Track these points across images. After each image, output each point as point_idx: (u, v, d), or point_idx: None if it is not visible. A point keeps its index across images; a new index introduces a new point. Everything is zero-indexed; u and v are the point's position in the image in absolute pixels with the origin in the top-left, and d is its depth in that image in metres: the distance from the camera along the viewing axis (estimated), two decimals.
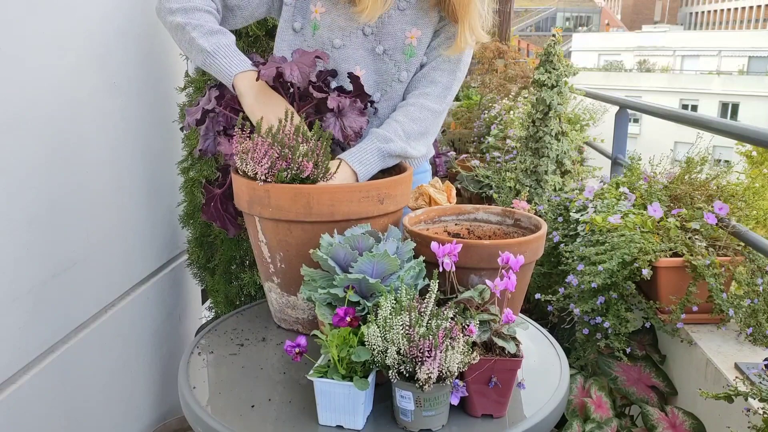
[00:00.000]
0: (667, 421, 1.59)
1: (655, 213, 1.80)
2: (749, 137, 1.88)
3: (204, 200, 1.42)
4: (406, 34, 1.47)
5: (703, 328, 1.77)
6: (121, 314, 1.85)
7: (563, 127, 2.57)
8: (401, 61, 1.49)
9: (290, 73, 1.26)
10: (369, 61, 1.48)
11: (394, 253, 1.10)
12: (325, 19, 1.44)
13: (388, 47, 1.48)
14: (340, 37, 1.45)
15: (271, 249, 1.28)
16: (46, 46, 1.48)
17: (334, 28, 1.45)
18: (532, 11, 59.49)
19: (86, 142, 1.65)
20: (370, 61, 1.49)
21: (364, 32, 1.46)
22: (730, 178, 1.98)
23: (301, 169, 1.20)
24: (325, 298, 1.09)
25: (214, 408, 1.10)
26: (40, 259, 1.47)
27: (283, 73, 1.26)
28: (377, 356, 0.98)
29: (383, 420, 1.04)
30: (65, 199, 1.56)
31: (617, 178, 2.21)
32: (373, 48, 1.47)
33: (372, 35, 1.47)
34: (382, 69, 1.49)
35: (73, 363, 1.61)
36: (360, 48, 1.47)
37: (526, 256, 1.19)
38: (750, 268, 1.74)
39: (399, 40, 1.47)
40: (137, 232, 1.95)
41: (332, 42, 1.45)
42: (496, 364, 1.01)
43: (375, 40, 1.47)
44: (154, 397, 2.11)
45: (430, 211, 1.40)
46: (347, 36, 1.46)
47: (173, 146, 2.17)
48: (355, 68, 1.47)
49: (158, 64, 2.08)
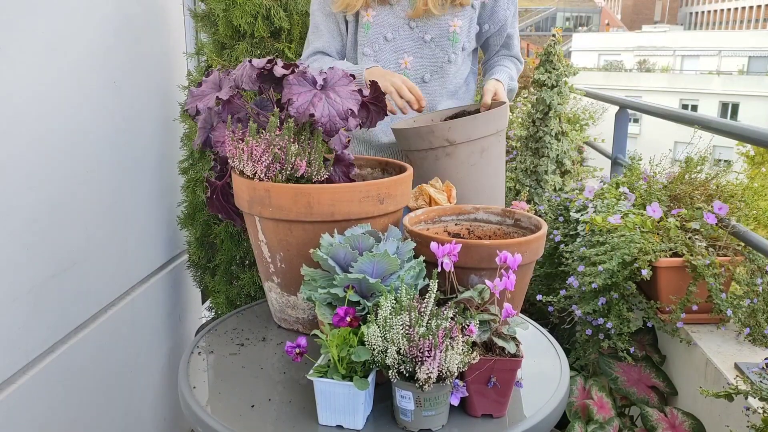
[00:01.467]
0: (667, 421, 1.59)
1: (654, 213, 1.80)
2: (749, 137, 1.88)
3: (208, 194, 1.42)
4: (449, 23, 1.79)
5: (702, 328, 1.77)
6: (121, 314, 1.85)
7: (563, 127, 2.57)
8: (447, 47, 1.81)
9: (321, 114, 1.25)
10: (416, 49, 1.80)
11: (394, 253, 1.10)
12: (377, 20, 1.78)
13: (435, 35, 1.79)
14: (391, 31, 1.78)
15: (271, 249, 1.28)
16: (46, 46, 1.48)
17: (385, 25, 1.78)
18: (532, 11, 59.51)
19: (86, 142, 1.65)
20: (418, 49, 1.80)
21: (410, 26, 1.78)
22: (730, 177, 1.98)
23: (296, 169, 1.21)
24: (325, 297, 1.10)
25: (214, 408, 1.10)
26: (40, 259, 1.47)
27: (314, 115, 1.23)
28: (377, 356, 0.98)
29: (383, 420, 1.04)
30: (65, 199, 1.56)
31: (617, 178, 2.21)
32: (420, 37, 1.79)
33: (417, 27, 1.79)
34: (429, 54, 1.81)
35: (72, 363, 1.61)
36: (407, 39, 1.79)
37: (526, 256, 1.19)
38: (750, 268, 1.74)
39: (444, 29, 1.79)
40: (137, 232, 1.95)
41: (384, 36, 1.78)
42: (496, 364, 1.01)
43: (421, 30, 1.79)
44: (154, 397, 2.11)
45: (430, 211, 1.40)
46: (396, 30, 1.79)
47: (173, 146, 2.17)
48: (403, 56, 1.80)
49: (159, 63, 2.08)
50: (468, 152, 1.62)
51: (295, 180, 1.23)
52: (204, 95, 1.33)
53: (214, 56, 1.91)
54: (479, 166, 1.64)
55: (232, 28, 1.88)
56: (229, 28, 1.87)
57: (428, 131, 1.60)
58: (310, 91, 1.24)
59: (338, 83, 1.28)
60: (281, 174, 1.21)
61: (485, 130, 1.63)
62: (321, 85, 1.25)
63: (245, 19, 1.82)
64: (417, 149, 1.63)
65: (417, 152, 1.64)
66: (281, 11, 1.83)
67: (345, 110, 1.24)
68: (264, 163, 1.20)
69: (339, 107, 1.24)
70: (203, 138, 1.34)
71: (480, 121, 1.62)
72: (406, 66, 1.81)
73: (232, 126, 1.24)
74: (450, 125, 1.60)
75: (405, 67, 1.81)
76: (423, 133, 1.60)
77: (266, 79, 1.28)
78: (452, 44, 1.81)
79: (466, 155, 1.62)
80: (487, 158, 1.67)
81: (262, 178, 1.21)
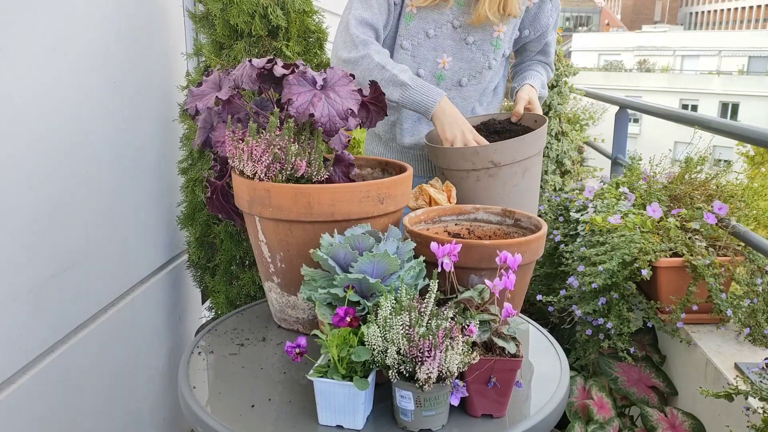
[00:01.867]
0: (667, 421, 1.59)
1: (654, 213, 1.80)
2: (749, 137, 1.88)
3: (208, 194, 1.41)
4: (494, 28, 1.70)
5: (703, 328, 1.77)
6: (121, 314, 1.85)
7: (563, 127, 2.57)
8: (489, 52, 1.73)
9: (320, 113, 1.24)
10: (456, 50, 1.71)
11: (394, 253, 1.10)
12: (421, 12, 1.67)
13: (477, 39, 1.71)
14: (433, 27, 1.68)
15: (271, 249, 1.28)
16: (46, 46, 1.48)
17: (428, 20, 1.67)
18: None
19: (86, 142, 1.65)
20: (458, 51, 1.71)
21: (453, 25, 1.69)
22: (730, 177, 1.98)
23: (296, 169, 1.21)
24: (325, 298, 1.09)
25: (214, 408, 1.10)
26: (40, 259, 1.47)
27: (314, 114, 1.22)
28: (377, 356, 0.98)
29: (383, 420, 1.04)
30: (65, 199, 1.56)
31: (617, 178, 2.21)
32: (463, 38, 1.70)
33: (460, 28, 1.69)
34: (469, 57, 1.72)
35: (72, 363, 1.61)
36: (448, 38, 1.70)
37: (526, 256, 1.19)
38: (750, 268, 1.74)
39: (488, 33, 1.71)
40: (137, 232, 1.95)
41: (426, 32, 1.69)
42: (496, 364, 1.01)
43: (464, 32, 1.70)
44: (154, 397, 2.11)
45: (430, 211, 1.40)
46: (439, 27, 1.69)
47: (173, 146, 2.17)
48: (441, 56, 1.71)
49: (158, 63, 2.08)
50: (511, 173, 1.56)
51: (295, 180, 1.23)
52: (204, 95, 1.33)
53: (213, 56, 1.91)
54: (521, 186, 1.60)
55: (229, 28, 1.87)
56: (226, 27, 1.87)
57: (473, 152, 1.54)
58: (310, 91, 1.24)
59: (338, 83, 1.27)
60: (281, 174, 1.21)
61: (530, 151, 1.57)
62: (321, 85, 1.25)
63: (242, 18, 1.82)
64: (457, 169, 1.57)
65: (457, 171, 1.58)
66: (278, 9, 1.83)
67: (345, 110, 1.24)
68: (264, 163, 1.20)
69: (339, 107, 1.24)
70: (203, 138, 1.34)
71: (526, 142, 1.56)
72: (444, 66, 1.72)
73: (232, 126, 1.24)
74: (496, 147, 1.54)
75: (443, 67, 1.73)
76: (467, 154, 1.54)
77: (266, 78, 1.28)
78: (494, 49, 1.73)
79: (509, 176, 1.57)
80: (529, 177, 1.62)
81: (262, 178, 1.21)
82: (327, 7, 2.20)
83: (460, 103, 1.74)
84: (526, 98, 1.74)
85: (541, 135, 1.60)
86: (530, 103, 1.74)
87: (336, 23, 1.80)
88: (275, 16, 1.81)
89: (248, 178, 1.23)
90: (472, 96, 1.77)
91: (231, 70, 1.33)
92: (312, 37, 1.96)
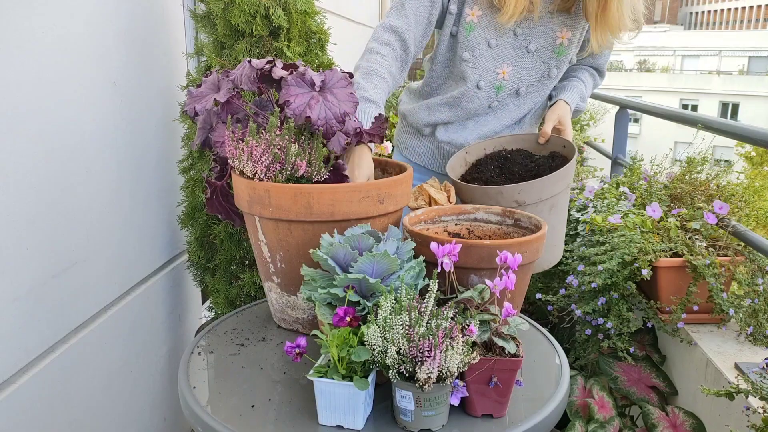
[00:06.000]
0: (668, 420, 1.59)
1: (654, 213, 1.80)
2: (749, 137, 1.87)
3: (207, 195, 1.41)
4: (557, 34, 1.61)
5: (703, 328, 1.77)
6: (121, 314, 1.85)
7: None
8: (550, 59, 1.64)
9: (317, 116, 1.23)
10: (517, 59, 1.63)
11: (394, 253, 1.10)
12: (482, 21, 1.59)
13: (539, 46, 1.62)
14: (495, 37, 1.61)
15: (271, 249, 1.28)
16: (46, 45, 1.48)
17: (489, 29, 1.60)
18: None
19: (86, 141, 1.65)
20: (519, 59, 1.63)
21: (515, 33, 1.61)
22: (730, 177, 1.98)
23: (296, 169, 1.21)
24: (325, 298, 1.09)
25: (214, 408, 1.10)
26: (40, 259, 1.47)
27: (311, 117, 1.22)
28: (377, 356, 0.98)
29: (383, 420, 1.04)
30: (65, 199, 1.56)
31: (617, 177, 2.21)
32: (524, 46, 1.62)
33: (522, 35, 1.61)
34: (530, 66, 1.64)
35: (73, 363, 1.61)
36: (509, 47, 1.62)
37: (526, 256, 1.19)
38: (750, 268, 1.74)
39: (550, 40, 1.62)
40: (137, 232, 1.95)
41: (488, 42, 1.61)
42: (496, 364, 1.01)
43: (525, 39, 1.61)
44: (154, 397, 2.11)
45: (430, 211, 1.40)
46: (501, 36, 1.61)
47: (173, 146, 2.17)
48: (502, 65, 1.63)
49: (158, 63, 2.08)
50: (537, 211, 1.51)
51: (295, 180, 1.23)
52: (203, 96, 1.32)
53: (214, 56, 1.91)
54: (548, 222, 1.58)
55: (230, 28, 1.87)
56: (227, 27, 1.87)
57: (497, 192, 1.51)
58: (308, 92, 1.23)
59: (336, 85, 1.27)
60: (281, 174, 1.21)
61: (555, 189, 1.53)
62: (319, 87, 1.25)
63: (244, 18, 1.82)
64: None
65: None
66: (280, 10, 1.82)
67: (341, 113, 1.23)
68: (264, 163, 1.19)
69: (336, 110, 1.23)
70: (202, 138, 1.34)
71: (551, 181, 1.52)
72: (504, 77, 1.63)
73: (231, 126, 1.24)
74: (521, 188, 1.50)
75: (503, 77, 1.63)
76: (491, 193, 1.51)
77: (266, 79, 1.28)
78: (556, 57, 1.63)
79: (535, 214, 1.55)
80: (555, 213, 1.58)
81: (262, 178, 1.21)
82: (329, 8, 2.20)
83: (514, 110, 1.65)
84: (555, 118, 1.63)
85: (568, 172, 1.53)
86: (561, 123, 1.62)
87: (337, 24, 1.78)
88: (277, 16, 1.81)
89: (248, 178, 1.23)
90: (527, 105, 1.69)
91: (230, 70, 1.33)
92: (313, 38, 1.95)
